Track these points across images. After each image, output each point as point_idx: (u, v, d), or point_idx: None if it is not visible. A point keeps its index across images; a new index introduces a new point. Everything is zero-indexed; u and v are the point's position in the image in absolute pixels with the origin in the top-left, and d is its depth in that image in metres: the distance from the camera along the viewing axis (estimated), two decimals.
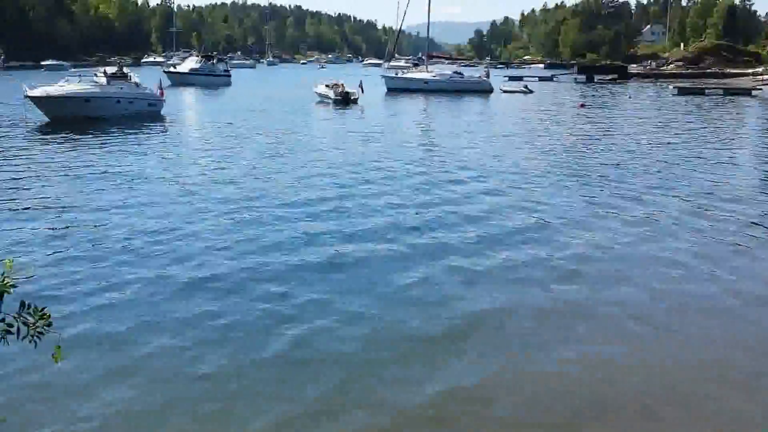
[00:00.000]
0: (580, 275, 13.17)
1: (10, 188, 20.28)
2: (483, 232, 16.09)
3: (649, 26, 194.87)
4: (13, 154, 27.15)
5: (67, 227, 15.76)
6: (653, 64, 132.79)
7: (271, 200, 19.22)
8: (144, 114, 42.06)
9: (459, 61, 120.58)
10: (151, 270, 12.88)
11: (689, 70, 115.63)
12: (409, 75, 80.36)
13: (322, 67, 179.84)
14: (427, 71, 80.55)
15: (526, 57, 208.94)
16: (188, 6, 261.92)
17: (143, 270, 12.87)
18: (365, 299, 11.71)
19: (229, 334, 10.21)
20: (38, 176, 22.17)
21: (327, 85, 59.20)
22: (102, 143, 30.64)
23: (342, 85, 58.43)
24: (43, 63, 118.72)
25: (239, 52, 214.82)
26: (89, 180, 21.84)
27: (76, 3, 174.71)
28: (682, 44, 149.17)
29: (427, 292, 12.11)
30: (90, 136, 32.80)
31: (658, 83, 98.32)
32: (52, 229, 15.63)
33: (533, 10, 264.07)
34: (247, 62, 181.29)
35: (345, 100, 55.59)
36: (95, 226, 15.93)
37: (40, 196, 19.27)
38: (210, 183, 21.68)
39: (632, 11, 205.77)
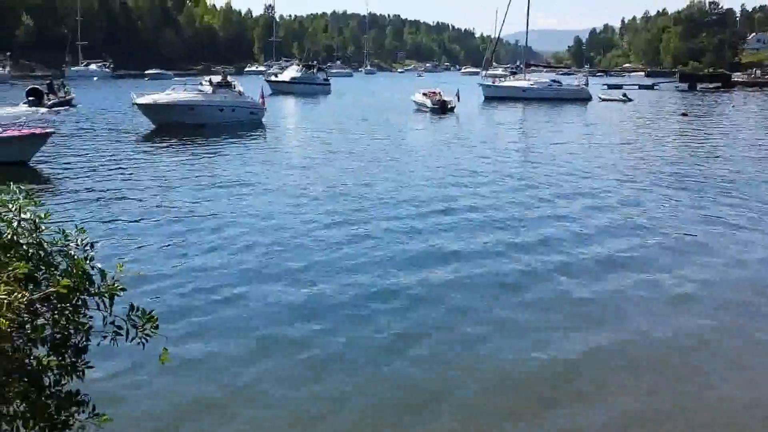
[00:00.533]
0: (734, 298, 12.49)
1: (125, 197, 20.44)
2: (612, 250, 15.39)
3: (754, 34, 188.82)
4: (126, 161, 27.67)
5: (184, 238, 15.84)
6: (758, 72, 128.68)
7: (383, 212, 18.95)
8: (245, 122, 42.90)
9: (557, 69, 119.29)
10: (266, 285, 12.72)
11: None
12: (506, 83, 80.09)
13: (420, 76, 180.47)
14: (525, 79, 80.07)
15: (626, 65, 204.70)
16: (290, 16, 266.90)
17: (258, 285, 12.73)
18: (499, 314, 11.41)
19: (348, 352, 9.94)
20: (149, 185, 22.37)
21: (424, 94, 59.12)
22: (209, 151, 31.12)
23: (439, 93, 58.37)
24: (146, 72, 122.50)
25: (339, 61, 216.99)
26: (200, 188, 21.99)
27: (182, 14, 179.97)
28: None
29: (564, 315, 11.54)
30: (195, 144, 33.38)
31: (764, 92, 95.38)
32: (170, 238, 15.73)
33: (634, 18, 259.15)
34: (345, 71, 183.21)
35: (442, 109, 55.39)
36: (210, 236, 15.99)
37: (155, 204, 19.46)
38: (319, 193, 21.49)
39: (737, 18, 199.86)
